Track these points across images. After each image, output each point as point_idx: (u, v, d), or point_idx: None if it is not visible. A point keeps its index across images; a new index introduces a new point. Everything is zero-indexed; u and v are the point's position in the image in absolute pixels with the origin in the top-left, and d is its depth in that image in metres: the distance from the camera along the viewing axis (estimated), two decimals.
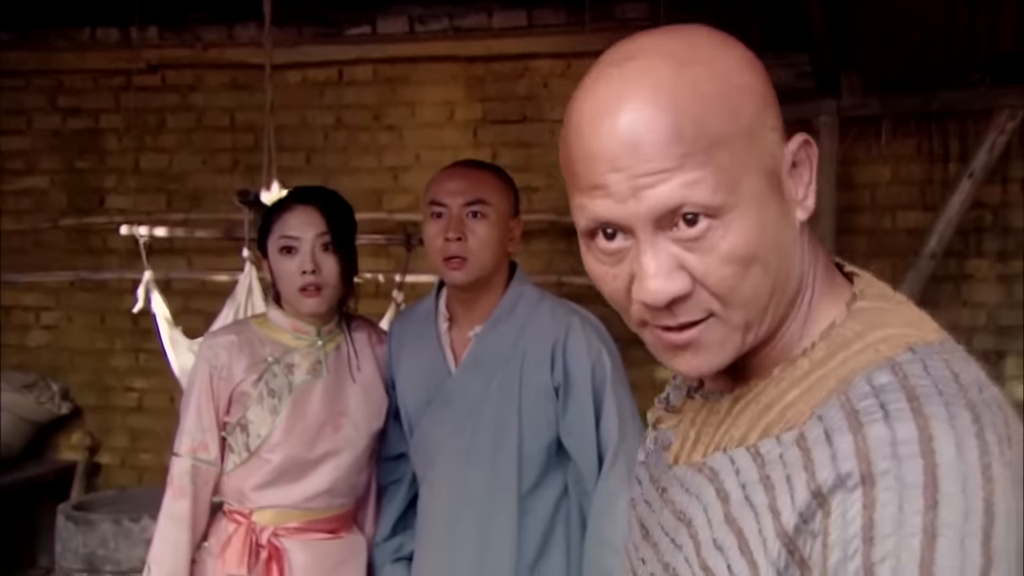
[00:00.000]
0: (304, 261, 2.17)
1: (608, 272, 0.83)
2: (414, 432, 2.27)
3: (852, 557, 0.70)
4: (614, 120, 0.79)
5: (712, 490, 0.83)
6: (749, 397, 0.85)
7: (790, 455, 0.77)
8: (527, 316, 2.20)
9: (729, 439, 0.84)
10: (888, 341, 0.81)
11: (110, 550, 3.16)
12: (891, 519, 0.70)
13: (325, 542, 2.24)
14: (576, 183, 0.83)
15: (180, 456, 2.20)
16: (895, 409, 0.73)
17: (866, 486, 0.71)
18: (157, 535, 2.20)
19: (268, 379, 2.20)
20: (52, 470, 4.72)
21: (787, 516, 0.75)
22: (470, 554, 2.16)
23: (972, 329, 3.98)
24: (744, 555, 0.78)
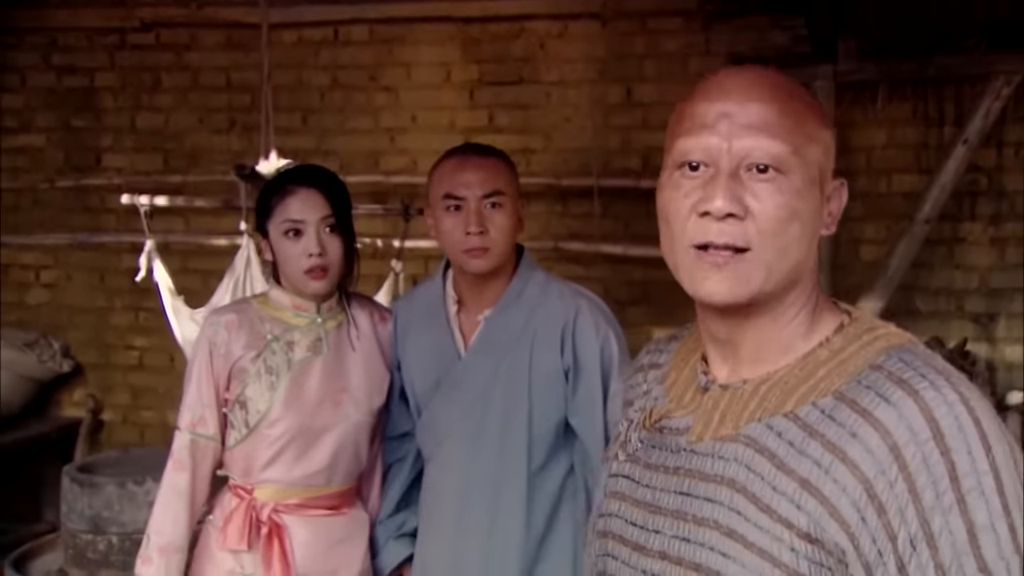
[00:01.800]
0: (310, 244, 2.20)
1: (683, 192, 1.03)
2: (422, 413, 2.32)
3: (944, 493, 0.88)
4: (734, 86, 1.04)
5: (751, 451, 0.99)
6: (773, 381, 1.02)
7: (842, 415, 0.95)
8: (536, 299, 2.24)
9: (763, 411, 1.01)
10: (890, 336, 1.01)
11: (115, 512, 3.22)
12: (966, 461, 0.89)
13: (326, 518, 2.30)
14: (687, 124, 1.04)
15: (180, 431, 2.26)
16: (934, 379, 0.93)
17: (936, 439, 0.90)
18: (157, 506, 2.26)
19: (267, 356, 2.25)
20: (55, 428, 4.78)
21: (867, 466, 0.91)
22: (480, 531, 2.22)
23: (964, 292, 4.02)
24: (814, 496, 0.93)
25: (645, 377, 1.22)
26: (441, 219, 2.20)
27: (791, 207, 1.00)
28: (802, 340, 1.03)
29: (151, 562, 2.21)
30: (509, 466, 2.20)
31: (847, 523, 0.91)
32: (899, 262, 3.79)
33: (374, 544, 2.40)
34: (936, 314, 4.03)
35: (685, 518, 1.02)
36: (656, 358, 1.24)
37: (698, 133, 1.02)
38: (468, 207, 2.16)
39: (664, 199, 1.06)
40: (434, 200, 2.22)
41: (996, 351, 3.99)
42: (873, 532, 0.90)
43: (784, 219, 1.00)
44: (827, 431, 0.94)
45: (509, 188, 2.21)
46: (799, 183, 1.01)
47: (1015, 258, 3.93)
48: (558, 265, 4.08)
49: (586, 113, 4.20)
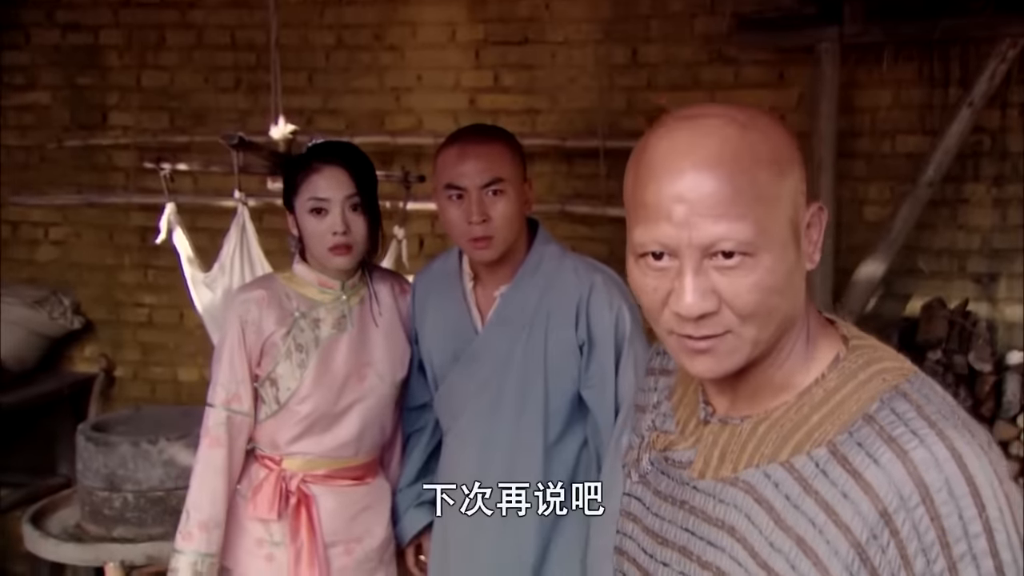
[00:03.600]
0: (335, 222, 2.23)
1: (650, 284, 1.00)
2: (440, 386, 2.37)
3: (935, 560, 0.88)
4: (685, 164, 0.97)
5: (751, 500, 0.98)
6: (770, 421, 1.01)
7: (835, 473, 0.94)
8: (551, 275, 2.28)
9: (760, 456, 1.00)
10: (890, 372, 0.99)
11: (129, 470, 3.29)
12: (957, 526, 0.88)
13: (352, 488, 2.37)
14: (641, 213, 1.00)
15: (215, 407, 2.30)
16: (925, 435, 0.92)
17: (926, 504, 0.89)
18: (195, 482, 2.31)
19: (295, 334, 2.29)
20: (67, 383, 4.84)
21: (858, 530, 0.91)
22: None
23: (966, 252, 4.05)
24: (808, 556, 0.93)
25: (656, 384, 1.22)
26: (445, 208, 2.23)
27: (765, 285, 0.96)
28: (801, 374, 1.02)
29: (192, 538, 2.27)
30: (525, 438, 2.26)
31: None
32: (902, 224, 3.81)
33: (394, 512, 2.47)
34: (938, 274, 4.06)
35: (691, 557, 1.03)
36: (665, 363, 1.23)
37: (655, 224, 0.98)
38: (469, 197, 2.18)
39: (634, 282, 1.03)
40: (438, 188, 2.25)
41: (997, 311, 4.03)
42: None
43: (761, 298, 0.97)
44: (820, 487, 0.94)
45: (511, 173, 2.22)
46: (769, 259, 0.97)
47: (1017, 219, 3.96)
48: (563, 225, 4.12)
49: (591, 74, 4.20)
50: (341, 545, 2.34)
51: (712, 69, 4.12)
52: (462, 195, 2.19)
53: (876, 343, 1.04)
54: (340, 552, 2.34)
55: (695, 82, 4.13)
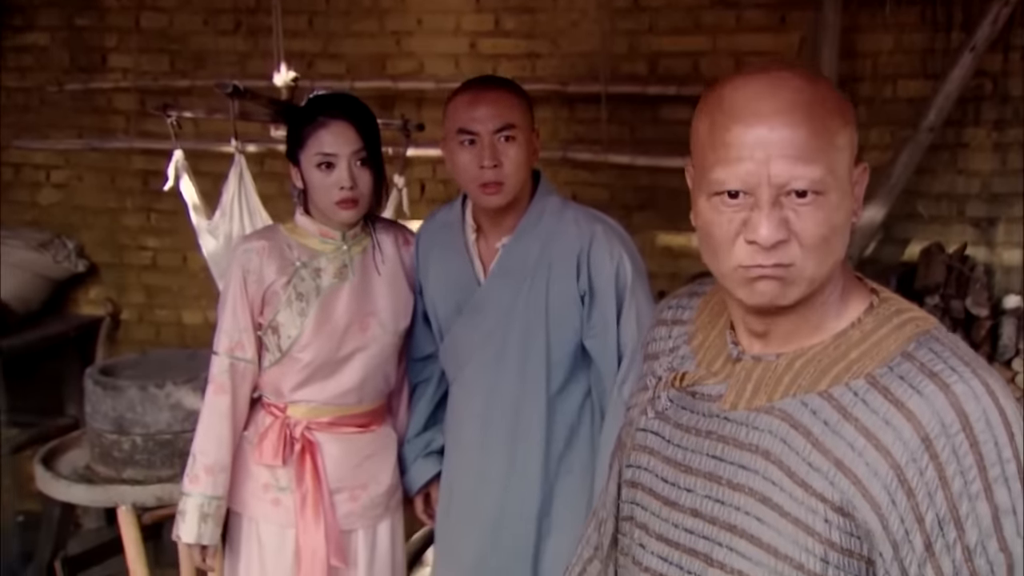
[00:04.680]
0: (342, 177, 2.26)
1: (724, 219, 1.08)
2: (444, 337, 2.41)
3: (972, 481, 0.96)
4: (766, 109, 1.05)
5: (787, 426, 1.06)
6: (807, 357, 1.08)
7: (875, 402, 1.01)
8: (552, 226, 2.30)
9: (797, 387, 1.07)
10: (919, 320, 1.08)
11: (138, 414, 3.34)
12: (993, 450, 0.97)
13: (356, 436, 2.42)
14: (721, 153, 1.07)
15: (219, 355, 2.35)
16: (963, 371, 1.01)
17: (966, 431, 0.97)
18: (201, 428, 2.37)
19: (296, 283, 2.33)
20: (73, 326, 4.88)
21: (899, 454, 0.98)
22: (502, 449, 2.33)
23: (966, 197, 4.06)
24: (847, 476, 1.00)
25: (670, 332, 1.28)
26: (456, 153, 2.25)
27: (830, 223, 1.06)
28: (834, 320, 1.10)
29: (199, 481, 2.33)
30: (529, 388, 2.30)
31: (877, 504, 0.99)
32: (902, 169, 3.82)
33: (402, 462, 2.53)
34: (937, 219, 4.08)
35: (719, 481, 1.09)
36: (679, 314, 1.29)
37: (735, 163, 1.06)
38: (481, 142, 2.21)
39: (706, 222, 1.10)
40: (449, 134, 2.27)
41: (995, 255, 4.05)
42: (902, 513, 0.98)
43: (825, 236, 1.06)
44: (860, 415, 1.02)
45: (522, 121, 2.25)
46: (835, 199, 1.06)
47: (1017, 163, 3.96)
48: (564, 171, 4.13)
49: (593, 18, 4.17)
50: (346, 491, 2.40)
51: (713, 13, 4.10)
52: (474, 140, 2.22)
53: (900, 298, 1.13)
54: (345, 498, 2.40)
55: (696, 26, 4.11)
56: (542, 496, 2.34)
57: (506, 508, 2.34)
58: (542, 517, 2.35)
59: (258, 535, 2.39)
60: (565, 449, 2.34)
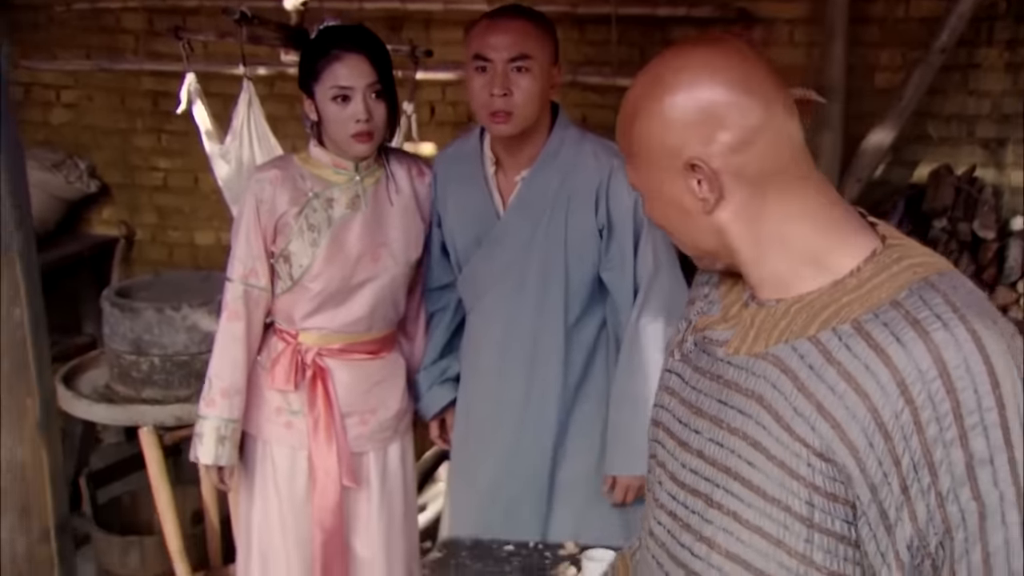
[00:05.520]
0: (358, 110, 2.28)
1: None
2: (463, 268, 2.45)
3: (947, 428, 0.95)
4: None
5: (778, 371, 1.06)
6: (803, 303, 1.08)
7: (857, 347, 1.01)
8: (571, 159, 2.32)
9: (789, 332, 1.07)
10: (922, 265, 1.05)
11: (155, 335, 3.41)
12: (972, 398, 0.95)
13: (366, 362, 2.48)
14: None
15: (233, 281, 2.40)
16: (948, 319, 0.98)
17: (943, 378, 0.95)
18: (216, 353, 2.43)
19: (308, 213, 2.36)
20: (88, 246, 4.95)
21: (876, 397, 0.98)
22: (520, 378, 2.39)
23: (976, 118, 4.05)
24: (827, 420, 1.00)
25: (708, 279, 1.28)
26: (471, 79, 2.26)
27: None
28: (835, 267, 1.07)
29: (215, 404, 2.40)
30: (547, 319, 2.35)
31: (855, 447, 0.98)
32: (913, 91, 3.80)
33: (418, 389, 2.59)
34: (947, 140, 4.08)
35: (721, 424, 1.11)
36: (715, 262, 1.28)
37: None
38: (494, 69, 2.21)
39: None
40: (467, 60, 2.28)
41: (1004, 176, 4.06)
42: (879, 455, 0.97)
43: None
44: (843, 359, 1.01)
45: (540, 53, 2.24)
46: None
47: None
48: (574, 93, 4.12)
49: None
50: (356, 416, 2.47)
51: None
52: (487, 67, 2.22)
53: (913, 243, 1.10)
54: (356, 422, 2.47)
55: None
56: (558, 424, 2.41)
57: (523, 435, 2.41)
58: (558, 444, 2.42)
59: (272, 457, 2.47)
60: (581, 378, 2.40)
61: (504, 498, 2.43)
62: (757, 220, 1.09)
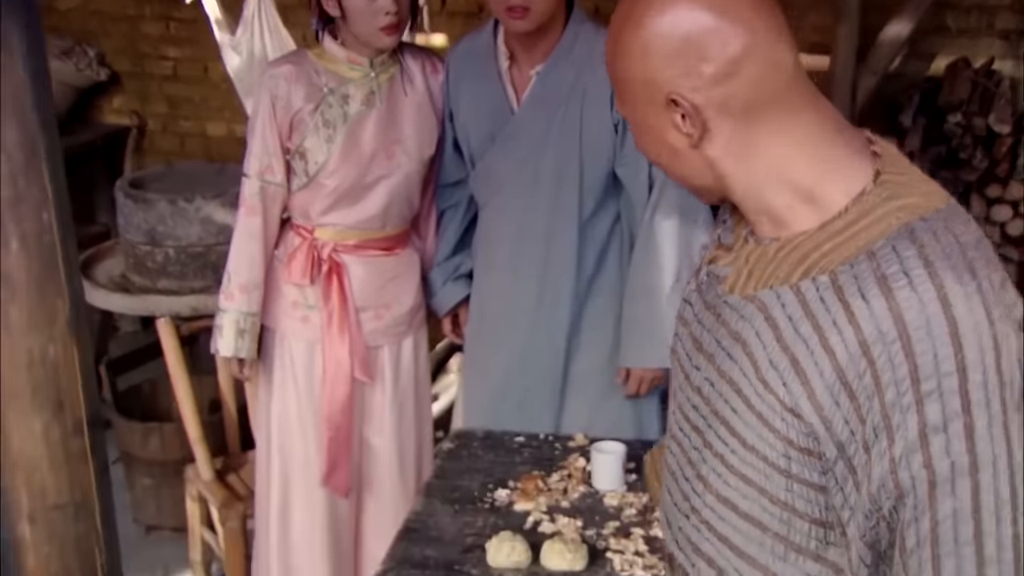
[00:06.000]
0: (387, 2, 2.26)
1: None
2: (476, 164, 2.45)
3: (904, 393, 0.92)
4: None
5: (762, 318, 1.03)
6: (792, 246, 1.04)
7: (830, 300, 0.97)
8: (586, 54, 2.30)
9: (775, 278, 1.04)
10: (905, 209, 0.99)
11: (169, 227, 3.44)
12: (930, 362, 0.92)
13: (380, 258, 2.51)
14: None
15: (250, 177, 2.42)
16: (916, 275, 0.94)
17: (903, 340, 0.93)
18: (234, 248, 2.46)
19: (324, 109, 2.36)
20: (100, 135, 4.94)
21: (842, 357, 0.95)
22: (534, 273, 2.41)
23: (996, 8, 3.98)
24: (799, 375, 0.99)
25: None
26: None
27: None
28: (829, 203, 1.02)
29: (234, 298, 2.45)
30: (561, 215, 2.36)
31: (820, 406, 0.97)
32: None
33: (431, 286, 2.61)
34: (965, 32, 4.01)
35: (714, 364, 1.09)
36: None
37: None
38: None
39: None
40: None
41: (1021, 69, 4.01)
42: (846, 414, 0.95)
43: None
44: (818, 313, 0.98)
45: None
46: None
47: None
48: None
49: None
50: (371, 310, 2.51)
51: None
52: None
53: (910, 177, 1.04)
54: (370, 317, 2.51)
55: None
56: (571, 318, 2.44)
57: (536, 329, 2.45)
58: (571, 338, 2.46)
59: (289, 350, 2.52)
60: (595, 273, 2.43)
61: (517, 391, 2.49)
62: (748, 154, 1.04)
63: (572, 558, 1.87)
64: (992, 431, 0.92)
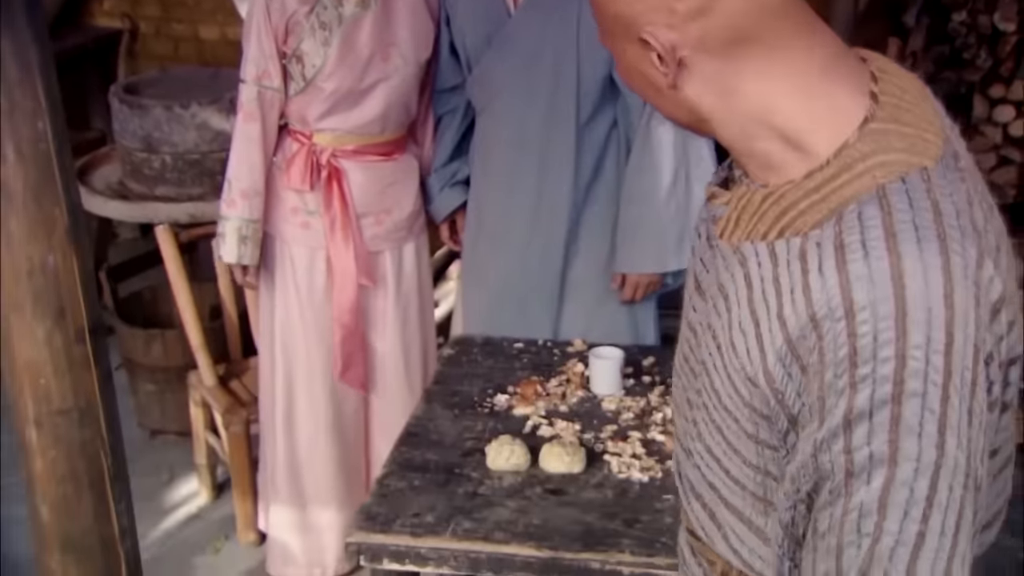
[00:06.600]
0: None
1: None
2: (473, 69, 2.43)
3: (841, 376, 0.87)
4: None
5: (742, 274, 0.98)
6: (777, 195, 0.97)
7: (794, 266, 0.92)
8: None
9: (756, 232, 0.97)
10: (886, 167, 0.92)
11: (165, 133, 3.41)
12: (869, 346, 0.86)
13: (380, 164, 2.50)
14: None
15: (247, 83, 2.41)
16: (873, 247, 0.87)
17: (848, 319, 0.87)
18: (233, 155, 2.46)
19: (319, 11, 2.33)
20: (91, 38, 4.87)
21: (792, 327, 0.91)
22: (531, 179, 2.41)
23: None
24: (758, 343, 0.94)
25: None
26: None
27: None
28: (816, 150, 0.95)
29: (235, 205, 2.45)
30: (559, 118, 2.35)
31: (773, 378, 0.93)
32: None
33: (428, 192, 2.61)
34: None
35: (706, 308, 1.05)
36: None
37: None
38: None
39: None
40: None
41: None
42: (798, 387, 0.91)
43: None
44: (783, 279, 0.93)
45: None
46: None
47: None
48: None
49: None
50: (372, 216, 2.51)
51: None
52: None
53: (900, 127, 0.95)
54: (371, 222, 2.51)
55: None
56: (569, 224, 2.45)
57: (533, 235, 2.46)
58: (569, 244, 2.47)
59: (291, 256, 2.53)
60: (592, 179, 2.43)
61: (515, 297, 2.50)
62: (730, 96, 0.96)
63: (570, 461, 1.91)
64: (924, 426, 0.85)
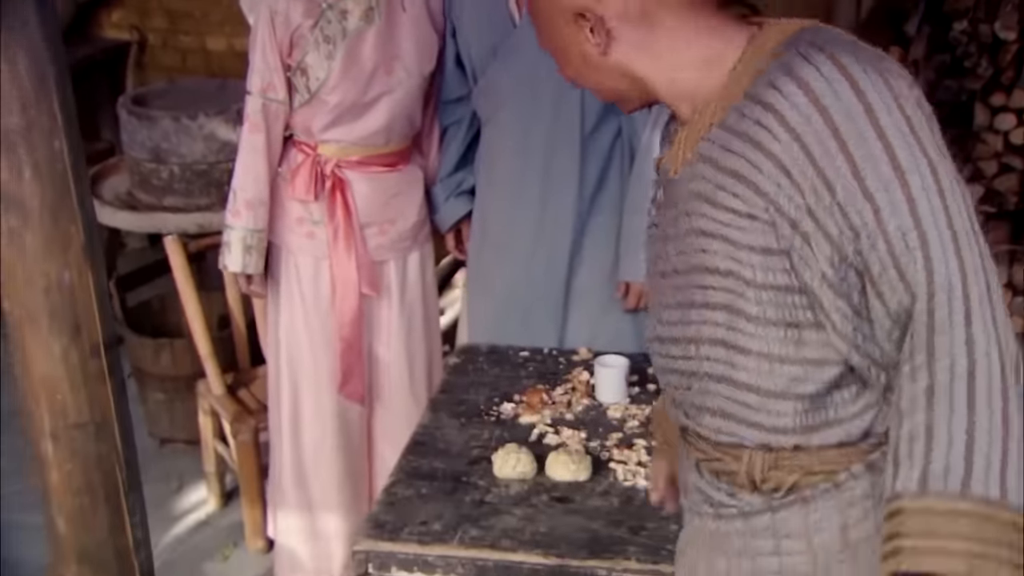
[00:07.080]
0: None
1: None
2: (479, 80, 2.45)
3: (827, 142, 1.05)
4: None
5: (701, 164, 1.16)
6: (709, 101, 1.18)
7: (751, 110, 1.10)
8: None
9: (702, 128, 1.17)
10: (791, 23, 1.15)
11: (173, 144, 3.44)
12: (841, 111, 1.05)
13: (384, 174, 2.53)
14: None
15: (252, 95, 2.44)
16: (809, 52, 1.08)
17: (816, 105, 1.05)
18: (239, 166, 2.49)
19: (323, 25, 2.36)
20: (100, 49, 4.91)
21: (774, 146, 1.07)
22: (536, 188, 2.44)
23: None
24: (743, 182, 1.11)
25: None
26: None
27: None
28: (727, 60, 1.16)
29: (240, 215, 2.48)
30: (563, 129, 2.38)
31: (767, 194, 1.09)
32: None
33: (434, 201, 2.64)
34: None
35: (679, 236, 1.20)
36: None
37: None
38: None
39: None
40: None
41: None
42: (788, 193, 1.08)
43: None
44: (743, 127, 1.11)
45: None
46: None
47: None
48: None
49: None
50: (376, 226, 2.54)
51: None
52: None
53: (782, 26, 1.17)
54: (375, 232, 2.54)
55: None
56: (574, 233, 2.47)
57: (538, 244, 2.48)
58: (573, 253, 2.50)
59: (296, 266, 2.56)
60: (597, 188, 2.45)
61: (520, 306, 2.53)
62: (654, 49, 1.18)
63: (576, 469, 1.93)
64: (908, 142, 1.05)
